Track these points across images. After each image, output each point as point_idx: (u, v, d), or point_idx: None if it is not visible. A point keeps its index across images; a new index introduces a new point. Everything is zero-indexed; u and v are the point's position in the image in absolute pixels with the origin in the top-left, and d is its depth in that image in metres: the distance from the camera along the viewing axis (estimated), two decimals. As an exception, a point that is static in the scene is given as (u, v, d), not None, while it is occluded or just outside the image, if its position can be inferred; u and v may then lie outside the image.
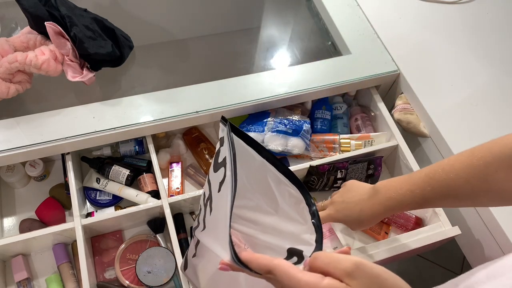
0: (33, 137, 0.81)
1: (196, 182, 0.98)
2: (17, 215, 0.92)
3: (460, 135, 0.90)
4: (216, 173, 0.55)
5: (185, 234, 0.90)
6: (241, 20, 1.21)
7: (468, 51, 1.05)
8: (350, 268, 0.35)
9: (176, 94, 0.90)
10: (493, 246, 0.83)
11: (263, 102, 0.91)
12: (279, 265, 0.38)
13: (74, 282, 0.84)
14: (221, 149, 0.55)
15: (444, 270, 1.60)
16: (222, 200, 0.51)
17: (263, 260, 0.40)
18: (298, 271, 0.37)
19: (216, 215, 0.54)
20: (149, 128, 0.86)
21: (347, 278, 0.35)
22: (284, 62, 1.11)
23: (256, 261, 0.40)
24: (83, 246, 0.79)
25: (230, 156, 0.50)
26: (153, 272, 0.79)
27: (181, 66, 1.03)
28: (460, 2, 1.15)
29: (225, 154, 0.52)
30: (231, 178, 0.48)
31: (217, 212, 0.54)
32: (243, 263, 0.41)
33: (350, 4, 1.11)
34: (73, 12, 0.86)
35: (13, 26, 1.01)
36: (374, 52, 1.01)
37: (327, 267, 0.36)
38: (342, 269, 0.35)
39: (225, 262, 0.43)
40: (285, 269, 0.37)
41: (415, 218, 0.90)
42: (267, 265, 0.39)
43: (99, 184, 0.93)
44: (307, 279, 0.36)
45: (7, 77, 0.82)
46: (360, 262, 0.35)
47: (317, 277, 0.36)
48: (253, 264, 0.40)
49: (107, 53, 0.85)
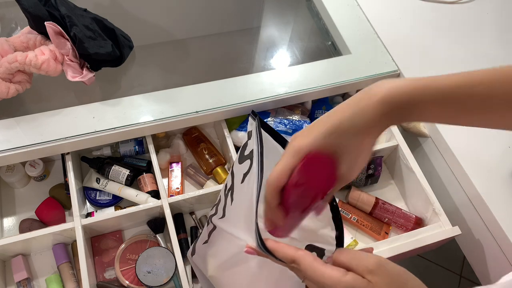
0: (33, 137, 0.81)
1: (196, 182, 0.98)
2: (17, 215, 0.92)
3: (460, 135, 0.89)
4: (241, 164, 0.56)
5: (185, 234, 0.90)
6: (241, 20, 1.21)
7: (468, 51, 1.05)
8: (373, 266, 0.36)
9: (176, 94, 0.90)
10: (493, 246, 0.83)
11: (263, 102, 0.91)
12: (304, 256, 0.39)
13: (74, 282, 0.84)
14: (249, 142, 0.56)
15: (444, 270, 1.60)
16: (246, 190, 0.53)
17: (288, 250, 0.41)
18: (322, 264, 0.38)
19: (239, 204, 0.56)
20: (149, 128, 0.86)
21: (369, 275, 0.36)
22: (284, 62, 1.11)
23: (281, 249, 0.41)
24: (83, 246, 0.79)
25: (258, 149, 0.51)
26: (153, 272, 0.79)
27: (181, 66, 1.03)
28: (460, 2, 1.15)
29: (252, 147, 0.53)
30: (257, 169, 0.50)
31: (240, 201, 0.55)
32: (268, 250, 0.42)
33: (350, 4, 1.11)
34: (73, 12, 0.86)
35: (13, 26, 1.01)
36: (374, 52, 1.01)
37: (351, 263, 0.37)
38: (365, 266, 0.36)
39: (251, 247, 0.44)
40: (310, 261, 0.39)
41: (415, 218, 0.90)
42: (292, 255, 0.40)
43: (99, 184, 0.93)
44: (330, 272, 0.37)
45: (7, 77, 0.82)
46: (383, 260, 0.36)
47: (340, 272, 0.37)
48: (279, 252, 0.41)
49: (107, 53, 0.85)
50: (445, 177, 0.94)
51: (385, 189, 1.01)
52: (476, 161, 0.87)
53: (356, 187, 0.96)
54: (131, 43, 0.96)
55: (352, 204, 0.94)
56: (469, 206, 0.87)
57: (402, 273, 0.36)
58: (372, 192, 0.98)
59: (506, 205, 0.83)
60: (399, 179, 0.99)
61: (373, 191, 0.99)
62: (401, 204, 0.97)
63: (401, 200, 0.99)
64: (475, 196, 0.85)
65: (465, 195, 0.88)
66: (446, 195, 0.93)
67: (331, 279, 0.37)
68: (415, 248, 0.82)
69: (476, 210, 0.85)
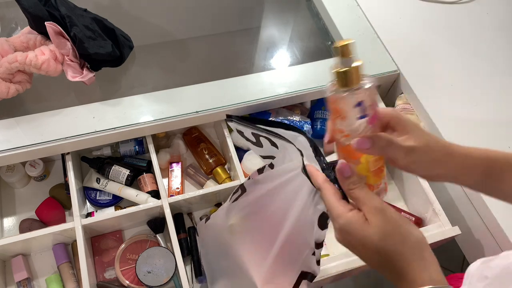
0: (33, 137, 0.81)
1: (196, 182, 0.98)
2: (17, 215, 0.92)
3: (460, 135, 0.89)
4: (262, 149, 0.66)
5: (185, 234, 0.90)
6: (241, 20, 1.21)
7: (468, 51, 1.05)
8: (377, 207, 0.43)
9: (176, 94, 0.90)
10: (493, 246, 0.83)
11: (263, 102, 0.91)
12: (327, 187, 0.47)
13: (74, 282, 0.84)
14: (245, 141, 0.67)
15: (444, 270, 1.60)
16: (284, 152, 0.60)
17: (317, 177, 0.49)
18: (336, 200, 0.46)
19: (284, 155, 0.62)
20: (149, 128, 0.86)
21: (370, 213, 0.43)
22: (284, 62, 1.11)
23: (314, 176, 0.50)
24: (83, 246, 0.79)
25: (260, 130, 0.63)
26: (153, 272, 0.79)
27: (181, 66, 1.03)
28: (460, 2, 1.15)
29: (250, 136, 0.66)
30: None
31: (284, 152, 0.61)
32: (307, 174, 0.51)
33: (350, 4, 1.11)
34: (73, 12, 0.86)
35: (13, 26, 1.01)
36: (374, 52, 1.01)
37: (364, 198, 0.44)
38: (371, 205, 0.43)
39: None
40: (329, 193, 0.47)
41: (415, 219, 0.90)
42: (319, 183, 0.48)
43: (99, 184, 0.93)
44: (338, 207, 0.45)
45: (7, 77, 0.82)
46: (386, 206, 0.43)
47: (346, 208, 0.44)
48: (313, 177, 0.50)
49: (107, 53, 0.85)
50: (445, 177, 0.94)
51: (385, 189, 1.00)
52: (476, 161, 0.87)
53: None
54: (131, 43, 0.96)
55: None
56: (469, 206, 0.87)
57: (398, 218, 0.43)
58: (372, 192, 0.98)
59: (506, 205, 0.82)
60: (399, 179, 0.99)
61: (373, 191, 0.99)
62: (401, 204, 0.97)
63: (401, 200, 0.99)
64: (475, 196, 0.85)
65: (465, 195, 0.88)
66: (446, 195, 0.93)
67: (337, 211, 0.44)
68: (415, 248, 0.82)
69: (476, 210, 0.85)
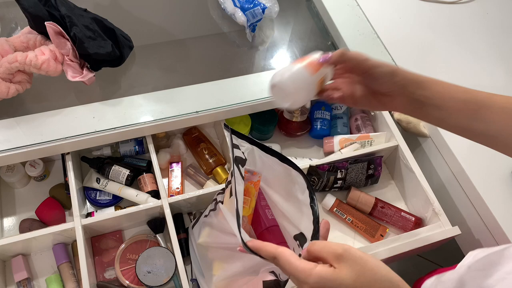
0: (33, 137, 0.81)
1: (196, 182, 0.98)
2: (17, 215, 0.92)
3: (460, 135, 0.89)
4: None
5: (185, 234, 0.90)
6: (241, 20, 1.20)
7: (468, 51, 1.05)
8: (339, 252, 0.41)
9: (176, 94, 0.90)
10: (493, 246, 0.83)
11: (263, 102, 0.91)
12: (282, 253, 0.44)
13: (74, 282, 0.84)
14: None
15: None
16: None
17: (270, 248, 0.46)
18: (297, 259, 0.43)
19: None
20: (149, 128, 0.86)
21: (336, 261, 0.41)
22: (284, 62, 1.11)
23: (264, 248, 0.47)
24: (83, 246, 0.79)
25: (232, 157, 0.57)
26: (153, 272, 0.79)
27: (181, 66, 1.03)
28: (460, 2, 1.15)
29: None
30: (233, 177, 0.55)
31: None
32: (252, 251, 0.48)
33: (350, 4, 1.11)
34: (73, 12, 0.86)
35: (13, 26, 1.01)
36: (374, 52, 1.01)
37: (322, 251, 0.42)
38: (332, 252, 0.41)
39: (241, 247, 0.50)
40: (286, 257, 0.44)
41: (415, 219, 0.90)
42: (273, 252, 0.45)
43: (99, 184, 0.93)
44: (303, 266, 0.42)
45: (7, 77, 0.82)
46: (348, 247, 0.41)
47: (311, 265, 0.42)
48: (262, 251, 0.47)
49: (107, 53, 0.85)
50: (445, 177, 0.94)
51: (385, 189, 1.01)
52: (476, 161, 0.87)
53: (356, 188, 0.96)
54: (131, 43, 0.96)
55: (352, 205, 0.94)
56: (469, 206, 0.87)
57: (364, 256, 0.41)
58: (372, 192, 0.98)
59: (506, 205, 0.83)
60: (399, 179, 0.99)
61: (373, 191, 0.99)
62: (401, 204, 0.97)
63: (401, 200, 0.99)
64: (475, 196, 0.85)
65: (465, 195, 0.88)
66: (446, 195, 0.93)
67: (304, 272, 0.41)
68: (414, 248, 0.82)
69: (476, 210, 0.85)
